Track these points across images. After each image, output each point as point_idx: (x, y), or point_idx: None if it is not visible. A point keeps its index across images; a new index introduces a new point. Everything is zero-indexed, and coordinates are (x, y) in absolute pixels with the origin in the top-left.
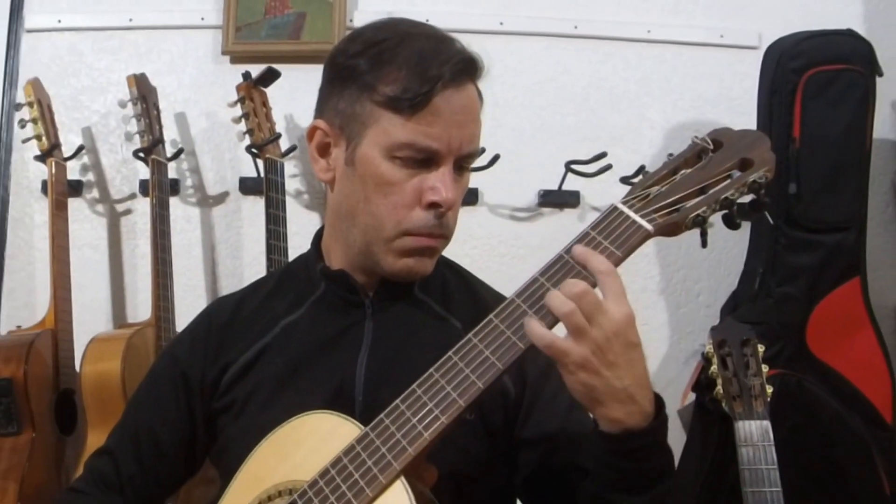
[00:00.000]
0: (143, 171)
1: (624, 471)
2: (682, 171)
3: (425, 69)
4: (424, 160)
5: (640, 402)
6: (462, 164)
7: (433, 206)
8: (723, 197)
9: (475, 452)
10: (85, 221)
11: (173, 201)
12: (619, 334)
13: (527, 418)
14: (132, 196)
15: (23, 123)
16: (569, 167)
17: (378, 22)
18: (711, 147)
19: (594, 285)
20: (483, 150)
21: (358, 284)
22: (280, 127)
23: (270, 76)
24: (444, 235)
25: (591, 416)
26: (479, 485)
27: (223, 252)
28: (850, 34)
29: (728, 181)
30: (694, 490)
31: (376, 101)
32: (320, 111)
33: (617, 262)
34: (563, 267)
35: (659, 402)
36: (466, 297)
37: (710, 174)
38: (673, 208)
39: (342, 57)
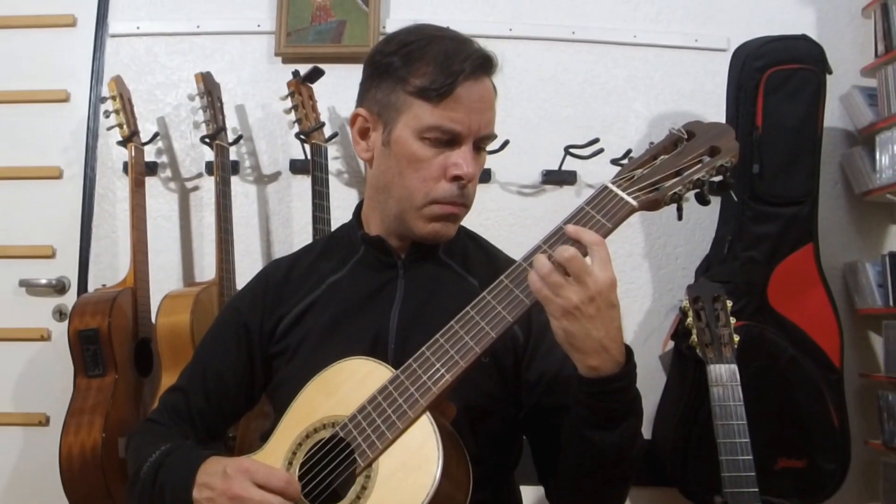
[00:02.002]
0: (209, 155)
1: (596, 409)
2: (662, 157)
3: (449, 65)
4: (449, 140)
5: (611, 353)
6: (480, 145)
7: (456, 178)
8: (695, 178)
9: (489, 391)
10: (159, 197)
11: (234, 180)
12: (602, 294)
13: (529, 363)
14: (199, 175)
15: (107, 114)
16: (567, 151)
17: (409, 27)
18: (686, 137)
19: (585, 254)
20: (496, 136)
21: (392, 248)
22: (324, 117)
23: (316, 74)
24: (465, 204)
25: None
26: (492, 419)
27: (276, 222)
28: (804, 39)
29: (699, 165)
30: (673, 422)
31: (409, 91)
32: (361, 101)
33: (607, 233)
34: (560, 236)
35: (629, 354)
36: (483, 260)
37: (685, 159)
38: (654, 187)
39: (379, 56)
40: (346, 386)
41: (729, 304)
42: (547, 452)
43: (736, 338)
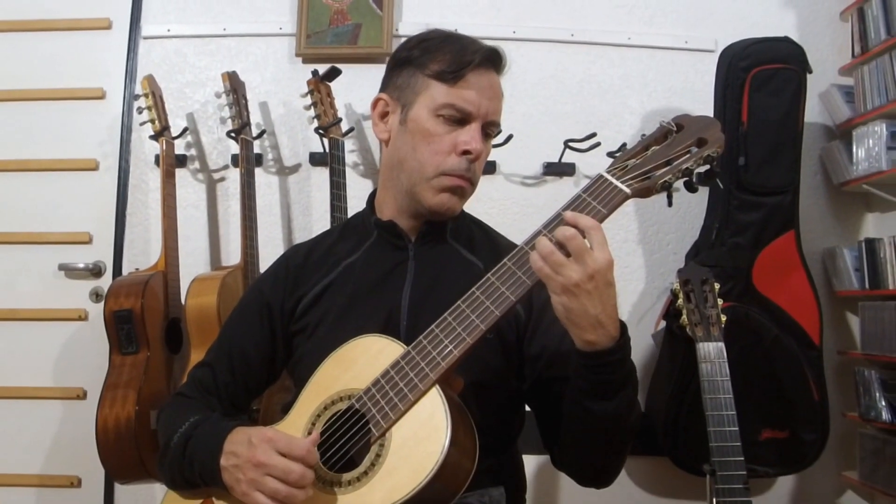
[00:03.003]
0: (234, 148)
1: (593, 381)
2: (653, 148)
3: (463, 54)
4: (460, 119)
5: (607, 328)
6: (487, 131)
7: (465, 153)
8: (684, 167)
9: (494, 365)
10: (189, 187)
11: (258, 171)
12: (600, 272)
13: (531, 338)
14: (225, 167)
15: (140, 110)
16: (566, 144)
17: (425, 31)
18: (675, 129)
19: (584, 238)
20: (500, 131)
21: (403, 232)
22: (341, 113)
23: (334, 73)
24: (472, 181)
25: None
26: (497, 391)
27: (296, 211)
28: (786, 40)
29: (688, 155)
30: (665, 396)
31: (427, 74)
32: (383, 88)
33: (602, 218)
34: (560, 222)
35: (623, 329)
36: (487, 244)
37: (674, 150)
38: (646, 176)
39: (401, 51)
40: (361, 361)
41: (716, 286)
42: (550, 422)
43: (723, 318)
